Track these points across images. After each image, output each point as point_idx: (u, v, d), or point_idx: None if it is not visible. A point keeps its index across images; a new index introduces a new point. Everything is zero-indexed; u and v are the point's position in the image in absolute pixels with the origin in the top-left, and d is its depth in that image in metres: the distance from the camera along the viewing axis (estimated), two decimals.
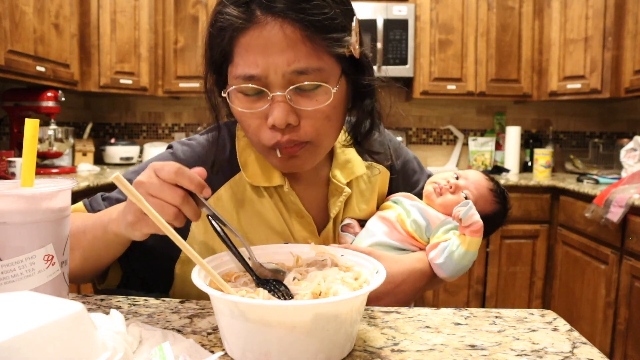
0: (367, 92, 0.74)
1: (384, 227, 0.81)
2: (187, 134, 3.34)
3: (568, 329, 0.60)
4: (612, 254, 2.11)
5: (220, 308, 0.50)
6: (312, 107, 0.65)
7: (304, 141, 0.68)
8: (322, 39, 0.64)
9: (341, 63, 0.68)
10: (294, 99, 0.65)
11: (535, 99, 2.96)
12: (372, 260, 0.60)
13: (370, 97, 0.74)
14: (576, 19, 2.73)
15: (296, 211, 0.79)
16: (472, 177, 0.87)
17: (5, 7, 2.01)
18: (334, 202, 0.81)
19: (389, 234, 0.80)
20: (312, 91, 0.65)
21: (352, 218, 0.84)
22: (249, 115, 0.67)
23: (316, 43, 0.63)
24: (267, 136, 0.67)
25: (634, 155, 2.37)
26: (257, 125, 0.68)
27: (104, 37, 2.71)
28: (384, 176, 0.89)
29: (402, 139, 3.18)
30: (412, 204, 0.83)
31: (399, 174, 0.92)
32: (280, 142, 0.67)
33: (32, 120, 0.54)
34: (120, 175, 0.48)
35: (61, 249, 0.54)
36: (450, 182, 0.84)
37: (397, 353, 0.52)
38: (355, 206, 0.84)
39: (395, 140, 0.95)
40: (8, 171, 2.12)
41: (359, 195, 0.85)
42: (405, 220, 0.81)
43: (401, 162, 0.93)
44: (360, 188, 0.85)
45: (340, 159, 0.83)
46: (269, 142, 0.68)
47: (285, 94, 0.64)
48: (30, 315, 0.36)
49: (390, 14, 2.84)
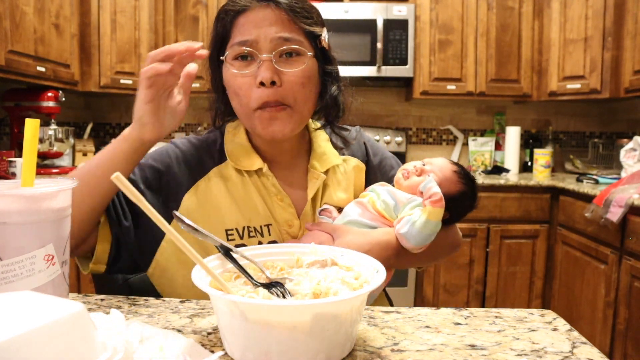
0: (333, 79, 0.90)
1: (358, 209, 0.89)
2: (187, 134, 3.34)
3: (568, 329, 0.60)
4: (611, 254, 2.11)
5: (220, 308, 0.50)
6: (291, 69, 0.81)
7: (285, 104, 0.82)
8: (301, 22, 0.82)
9: (314, 48, 0.85)
10: (278, 63, 0.81)
11: (535, 99, 2.96)
12: (372, 260, 0.60)
13: (336, 84, 0.91)
14: (576, 19, 2.73)
15: (276, 194, 0.89)
16: (438, 162, 0.95)
17: (6, 7, 2.01)
18: (312, 185, 0.91)
19: (362, 214, 0.88)
20: (292, 58, 0.82)
21: (330, 205, 0.92)
22: (241, 77, 0.82)
23: (296, 24, 0.82)
24: (255, 95, 0.81)
25: (633, 155, 2.37)
26: (247, 86, 0.82)
27: (104, 37, 2.71)
28: (360, 169, 1.00)
29: (402, 139, 3.18)
30: (383, 188, 0.91)
31: (377, 169, 1.02)
32: (267, 102, 0.81)
33: (33, 120, 0.54)
34: (120, 175, 0.48)
35: (61, 248, 0.54)
36: (417, 167, 0.93)
37: (397, 353, 0.52)
38: (332, 193, 0.94)
39: (373, 140, 1.07)
40: (8, 171, 2.12)
41: (336, 184, 0.95)
42: (376, 201, 0.89)
43: (379, 158, 1.03)
44: (337, 178, 0.96)
45: (317, 151, 0.95)
46: (257, 101, 0.81)
47: (271, 57, 0.80)
48: (30, 315, 0.36)
49: (390, 14, 2.84)
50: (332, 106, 0.91)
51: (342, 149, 0.98)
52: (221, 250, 0.60)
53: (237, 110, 0.87)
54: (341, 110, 0.93)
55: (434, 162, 0.94)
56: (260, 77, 0.79)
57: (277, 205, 0.89)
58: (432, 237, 0.84)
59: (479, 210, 2.61)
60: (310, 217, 0.92)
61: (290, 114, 0.83)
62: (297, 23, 0.82)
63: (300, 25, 0.82)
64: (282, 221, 0.89)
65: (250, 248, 0.65)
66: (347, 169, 0.98)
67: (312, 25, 0.84)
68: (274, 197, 0.89)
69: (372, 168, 1.02)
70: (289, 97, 0.82)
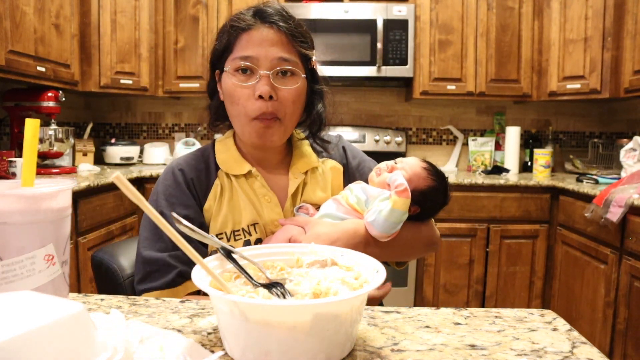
0: (319, 98, 1.01)
1: (333, 204, 0.97)
2: (187, 134, 3.34)
3: (568, 329, 0.60)
4: (611, 254, 2.11)
5: (220, 308, 0.50)
6: (286, 87, 0.91)
7: (277, 117, 0.91)
8: (298, 45, 0.93)
9: (305, 69, 0.96)
10: (275, 79, 0.91)
11: (535, 99, 2.96)
12: (372, 260, 0.60)
13: (321, 101, 1.02)
14: (576, 19, 2.73)
15: (264, 194, 0.97)
16: (408, 161, 1.02)
17: (6, 7, 2.01)
18: (293, 183, 1.00)
19: (336, 209, 0.96)
20: (287, 77, 0.92)
21: (307, 203, 0.99)
22: (241, 88, 0.90)
23: (293, 45, 0.93)
24: (253, 107, 0.90)
25: (633, 155, 2.37)
26: (246, 97, 0.90)
27: (105, 37, 2.71)
28: (337, 170, 1.08)
29: (402, 139, 3.18)
30: (357, 185, 0.99)
31: (355, 170, 1.10)
32: (264, 113, 0.90)
33: (33, 120, 0.54)
34: (121, 175, 0.48)
35: (61, 249, 0.54)
36: (389, 165, 1.01)
37: (397, 353, 0.52)
38: (311, 192, 1.02)
39: (352, 145, 1.16)
40: (8, 171, 2.12)
41: (315, 183, 1.03)
42: (349, 196, 0.96)
43: (357, 161, 1.12)
44: (316, 178, 1.04)
45: (298, 154, 1.04)
46: (255, 112, 0.90)
47: (270, 74, 0.90)
48: (30, 315, 0.36)
49: (390, 14, 2.84)
50: (317, 121, 1.02)
51: (322, 153, 1.08)
52: (222, 252, 0.60)
53: (233, 117, 0.95)
54: (323, 125, 1.03)
55: (405, 161, 1.02)
56: (260, 90, 0.89)
57: (265, 206, 0.97)
58: (397, 226, 0.91)
59: (479, 210, 2.62)
60: (290, 213, 0.99)
61: (280, 126, 0.93)
62: (295, 46, 0.93)
63: (297, 48, 0.93)
64: (269, 220, 0.96)
65: (250, 248, 0.65)
66: (324, 170, 1.06)
67: (307, 49, 0.95)
68: (262, 198, 0.97)
69: (351, 169, 1.10)
70: (281, 111, 0.92)
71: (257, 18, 0.92)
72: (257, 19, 0.91)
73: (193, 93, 2.99)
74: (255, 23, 0.91)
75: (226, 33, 0.93)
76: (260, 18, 0.92)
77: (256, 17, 0.92)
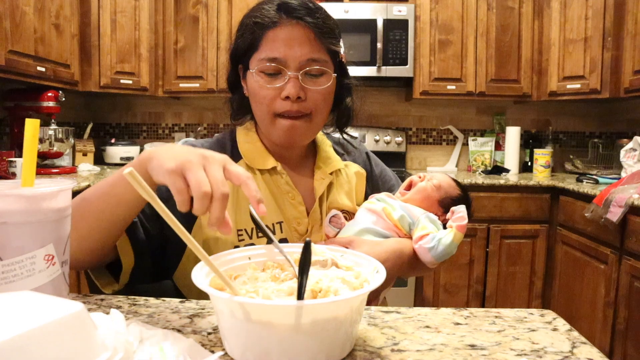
0: (347, 92, 0.98)
1: (372, 216, 0.94)
2: (187, 134, 3.34)
3: (568, 329, 0.60)
4: (611, 254, 2.11)
5: (221, 308, 0.50)
6: (316, 87, 0.87)
7: (305, 113, 0.87)
8: (327, 40, 0.87)
9: (334, 64, 0.91)
10: (304, 80, 0.86)
11: (535, 99, 2.96)
12: (372, 260, 0.60)
13: (350, 95, 0.99)
14: (576, 19, 2.73)
15: (288, 192, 0.93)
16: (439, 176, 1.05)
17: (6, 7, 2.01)
18: (319, 185, 0.96)
19: (376, 222, 0.93)
20: (317, 77, 0.88)
21: (336, 209, 0.97)
22: (267, 89, 0.86)
23: (322, 42, 0.87)
24: (279, 106, 0.87)
25: (633, 155, 2.37)
26: (272, 97, 0.87)
27: (104, 37, 2.71)
28: (361, 175, 1.06)
29: (402, 139, 3.18)
30: (393, 200, 0.98)
31: (378, 178, 1.10)
32: (290, 111, 0.86)
33: (33, 120, 0.54)
34: (134, 171, 0.47)
35: (61, 248, 0.54)
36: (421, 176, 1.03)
37: (397, 353, 0.52)
38: (337, 195, 0.99)
39: (373, 154, 1.15)
40: (8, 171, 2.12)
41: (339, 187, 1.00)
42: (392, 212, 0.94)
43: (380, 169, 1.12)
44: (340, 181, 1.01)
45: (322, 156, 1.01)
46: (280, 109, 0.87)
47: (298, 75, 0.85)
48: (30, 315, 0.36)
49: (390, 14, 2.84)
50: (344, 115, 0.99)
51: (343, 155, 1.05)
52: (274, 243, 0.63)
53: (257, 116, 0.92)
54: (352, 118, 1.01)
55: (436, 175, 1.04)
56: (287, 92, 0.85)
57: (288, 204, 0.93)
58: (448, 257, 0.91)
59: (479, 210, 2.62)
60: (318, 215, 0.95)
61: (308, 122, 0.89)
62: (323, 42, 0.87)
63: (325, 44, 0.87)
64: (292, 218, 0.92)
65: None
66: (349, 174, 1.03)
67: (336, 44, 0.90)
68: (286, 195, 0.93)
69: (374, 177, 1.09)
70: (310, 107, 0.88)
71: (282, 13, 0.85)
72: (282, 14, 0.85)
73: (193, 93, 2.99)
74: (281, 19, 0.85)
75: (249, 30, 0.88)
76: (285, 13, 0.85)
77: (281, 12, 0.85)
